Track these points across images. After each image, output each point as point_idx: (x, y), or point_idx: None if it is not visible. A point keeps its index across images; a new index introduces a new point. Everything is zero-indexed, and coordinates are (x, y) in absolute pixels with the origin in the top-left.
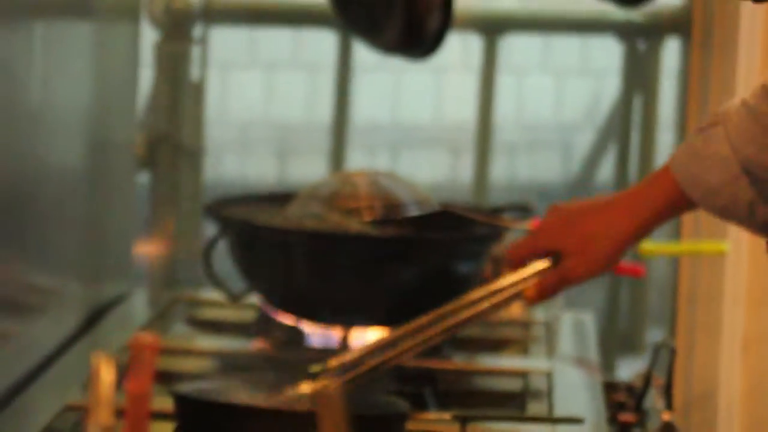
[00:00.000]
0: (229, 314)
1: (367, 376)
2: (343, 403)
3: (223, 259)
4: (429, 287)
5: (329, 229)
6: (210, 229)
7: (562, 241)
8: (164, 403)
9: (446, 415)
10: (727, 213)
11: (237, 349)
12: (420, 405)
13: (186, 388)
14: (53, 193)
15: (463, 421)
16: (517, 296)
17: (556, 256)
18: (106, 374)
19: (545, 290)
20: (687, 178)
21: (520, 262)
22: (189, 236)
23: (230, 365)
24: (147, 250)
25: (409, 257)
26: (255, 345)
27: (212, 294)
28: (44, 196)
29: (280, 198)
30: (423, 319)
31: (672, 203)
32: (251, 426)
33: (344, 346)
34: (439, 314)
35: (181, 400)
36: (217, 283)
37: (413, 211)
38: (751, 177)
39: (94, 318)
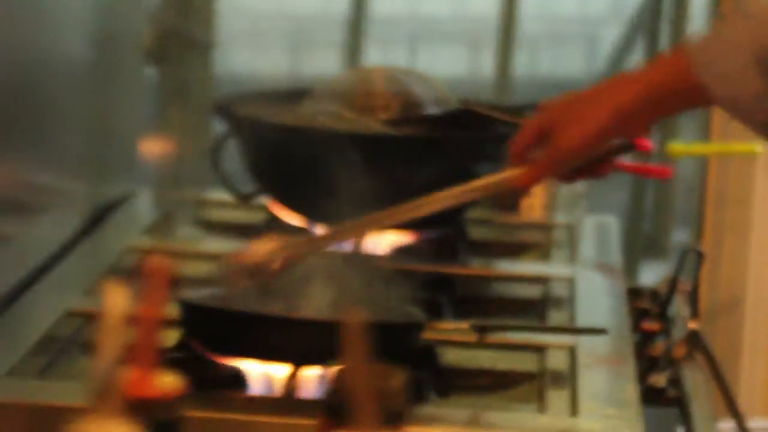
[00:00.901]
0: (238, 216)
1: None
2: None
3: (232, 158)
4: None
5: (344, 128)
6: (219, 126)
7: (555, 117)
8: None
9: (464, 325)
10: (734, 105)
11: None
12: (436, 313)
13: (192, 294)
14: (56, 87)
15: (481, 330)
16: (499, 187)
17: None
18: (117, 303)
19: (536, 170)
20: (700, 61)
21: (519, 154)
22: (198, 134)
23: None
24: (153, 148)
25: (427, 158)
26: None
27: (220, 195)
28: (47, 90)
29: (293, 95)
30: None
31: (679, 84)
32: (258, 333)
33: (358, 247)
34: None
35: (187, 307)
36: (225, 183)
37: (432, 110)
38: (763, 67)
39: (97, 219)
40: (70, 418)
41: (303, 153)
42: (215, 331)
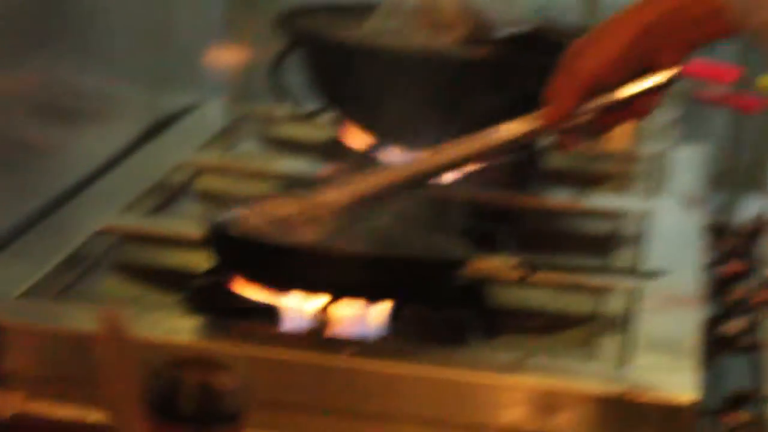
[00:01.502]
0: (303, 132)
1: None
2: None
3: (298, 71)
4: (519, 113)
5: (410, 47)
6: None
7: (578, 44)
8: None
9: (512, 261)
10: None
11: (303, 172)
12: (492, 247)
13: (223, 217)
14: None
15: (531, 268)
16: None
17: None
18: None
19: (558, 104)
20: None
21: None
22: (270, 43)
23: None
24: (221, 57)
25: (498, 82)
26: (325, 168)
27: (289, 109)
28: None
29: (361, 9)
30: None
31: (707, 5)
32: (288, 265)
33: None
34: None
35: (213, 231)
36: (285, 99)
37: (505, 31)
38: None
39: (155, 130)
40: (83, 344)
41: (366, 73)
42: (243, 260)
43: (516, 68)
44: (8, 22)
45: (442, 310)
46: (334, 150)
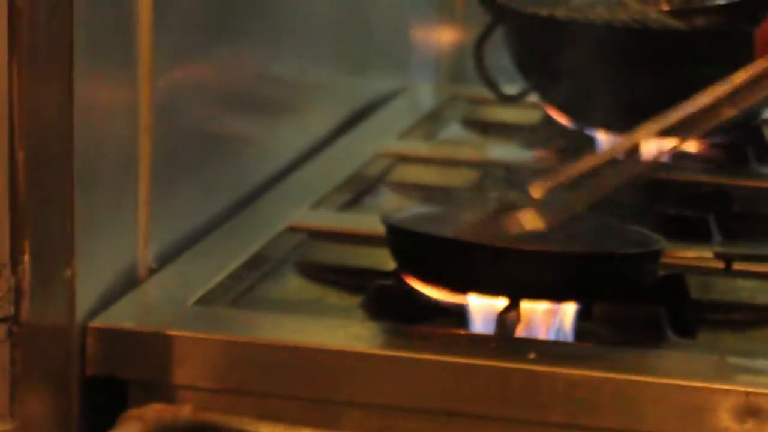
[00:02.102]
0: (514, 115)
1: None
2: None
3: (502, 52)
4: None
5: (621, 21)
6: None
7: None
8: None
9: (707, 253)
10: None
11: (511, 158)
12: (701, 235)
13: (401, 214)
14: None
15: (728, 260)
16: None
17: None
18: None
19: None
20: None
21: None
22: (480, 22)
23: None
24: (429, 37)
25: (714, 53)
26: (535, 154)
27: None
28: None
29: None
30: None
31: None
32: (467, 263)
33: (634, 155)
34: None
35: (390, 229)
36: (488, 81)
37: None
38: None
39: (357, 118)
40: (254, 354)
41: (576, 48)
42: (421, 258)
43: (732, 39)
44: (195, 11)
45: (635, 307)
46: (544, 133)
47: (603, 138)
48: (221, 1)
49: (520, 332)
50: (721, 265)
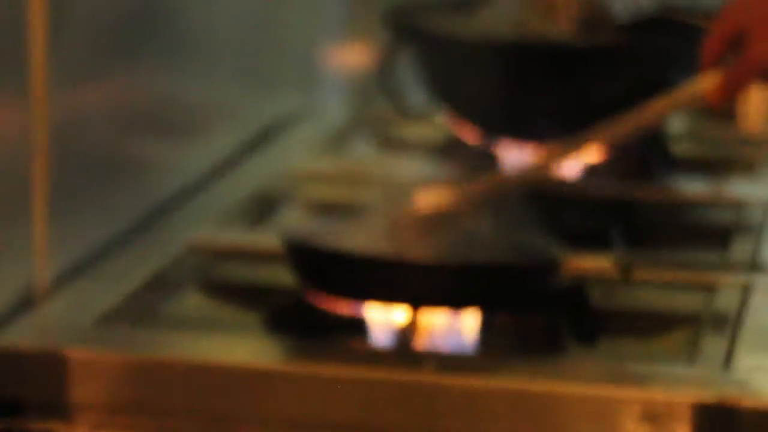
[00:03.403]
0: (422, 133)
1: None
2: None
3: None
4: (640, 103)
5: (524, 37)
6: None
7: (748, 20)
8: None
9: (606, 261)
10: None
11: (417, 175)
12: (600, 243)
13: (300, 230)
14: None
15: (627, 268)
16: (691, 100)
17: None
18: None
19: (727, 84)
20: None
21: (712, 58)
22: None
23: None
24: (338, 57)
25: (618, 69)
26: (441, 171)
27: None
28: None
29: (469, 2)
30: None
31: None
32: (364, 276)
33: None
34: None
35: (288, 245)
36: (393, 98)
37: (622, 15)
38: None
39: (265, 137)
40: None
41: (479, 66)
42: (320, 273)
43: (634, 56)
44: (93, 31)
45: (536, 317)
46: (451, 150)
47: (508, 154)
48: (121, 21)
49: (419, 344)
50: (620, 273)
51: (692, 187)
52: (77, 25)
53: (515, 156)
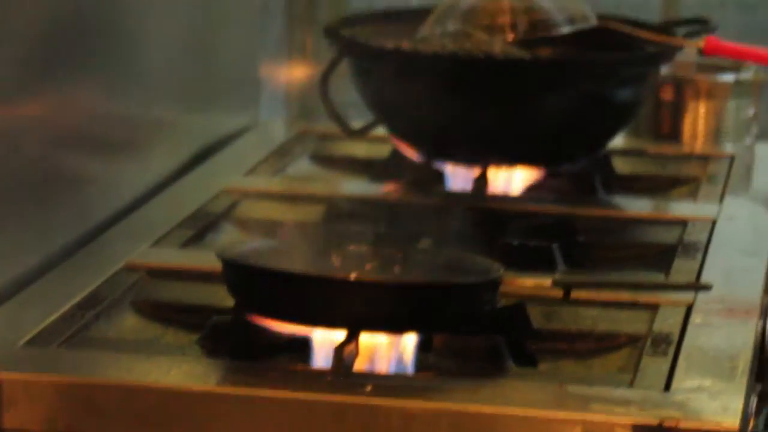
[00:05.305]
0: (362, 150)
1: None
2: None
3: (350, 86)
4: (583, 118)
5: (466, 51)
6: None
7: None
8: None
9: (547, 281)
10: None
11: (356, 192)
12: (545, 264)
13: (237, 249)
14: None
15: (566, 288)
16: None
17: None
18: None
19: None
20: None
21: None
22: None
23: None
24: (279, 74)
25: (561, 83)
26: (383, 188)
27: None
28: (132, 7)
29: (413, 14)
30: None
31: None
32: (304, 295)
33: (481, 186)
34: None
35: (225, 264)
36: (334, 115)
37: (565, 28)
38: None
39: (202, 155)
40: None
41: (421, 81)
42: (256, 292)
43: (577, 67)
44: (30, 45)
45: (475, 337)
46: (393, 167)
47: (451, 170)
48: (53, 38)
49: (359, 365)
50: (559, 293)
51: (635, 206)
52: (7, 40)
53: (459, 172)
